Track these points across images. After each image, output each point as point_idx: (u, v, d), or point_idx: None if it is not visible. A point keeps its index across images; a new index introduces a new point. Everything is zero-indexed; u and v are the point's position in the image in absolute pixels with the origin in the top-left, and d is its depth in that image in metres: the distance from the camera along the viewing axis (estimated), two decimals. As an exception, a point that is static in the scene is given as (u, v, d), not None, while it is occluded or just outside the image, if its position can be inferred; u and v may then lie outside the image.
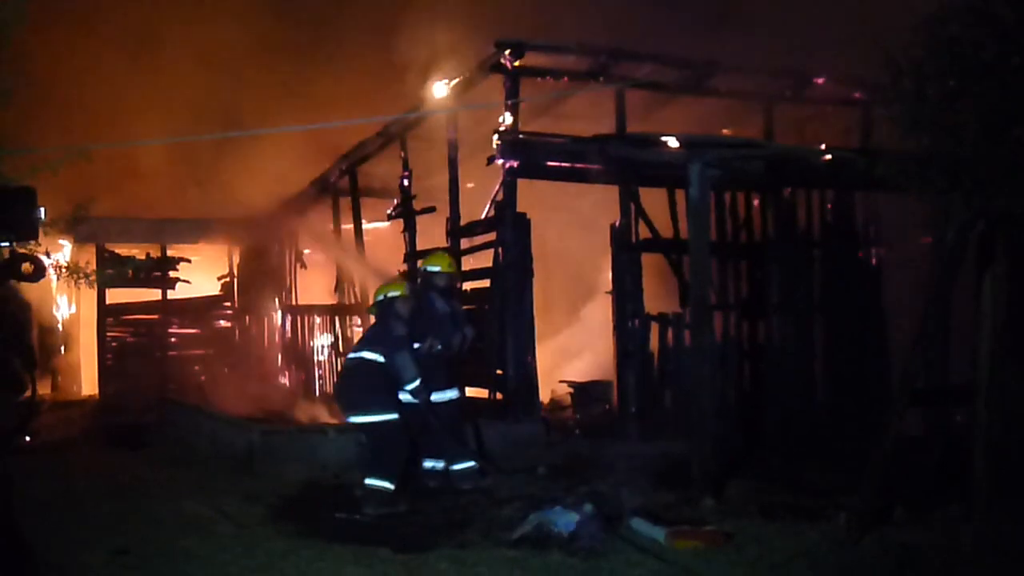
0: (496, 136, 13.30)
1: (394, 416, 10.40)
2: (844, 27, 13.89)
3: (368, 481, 10.16)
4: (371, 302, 11.30)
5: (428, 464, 11.09)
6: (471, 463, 11.04)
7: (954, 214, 9.20)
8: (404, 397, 10.70)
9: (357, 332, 18.48)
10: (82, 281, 11.99)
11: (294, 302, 21.37)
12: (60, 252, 19.99)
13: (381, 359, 10.53)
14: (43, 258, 11.04)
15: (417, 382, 10.52)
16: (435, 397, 10.94)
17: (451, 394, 11.17)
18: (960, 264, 9.15)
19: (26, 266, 9.81)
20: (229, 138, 19.34)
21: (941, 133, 8.79)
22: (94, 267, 17.12)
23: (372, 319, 11.48)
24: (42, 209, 8.37)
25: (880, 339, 14.01)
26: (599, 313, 15.27)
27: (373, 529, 9.32)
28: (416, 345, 10.92)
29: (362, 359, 10.67)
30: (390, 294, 10.92)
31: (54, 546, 8.56)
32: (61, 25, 19.76)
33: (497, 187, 13.78)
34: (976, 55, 8.47)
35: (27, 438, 14.58)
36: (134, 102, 20.47)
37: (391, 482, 10.14)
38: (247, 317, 22.81)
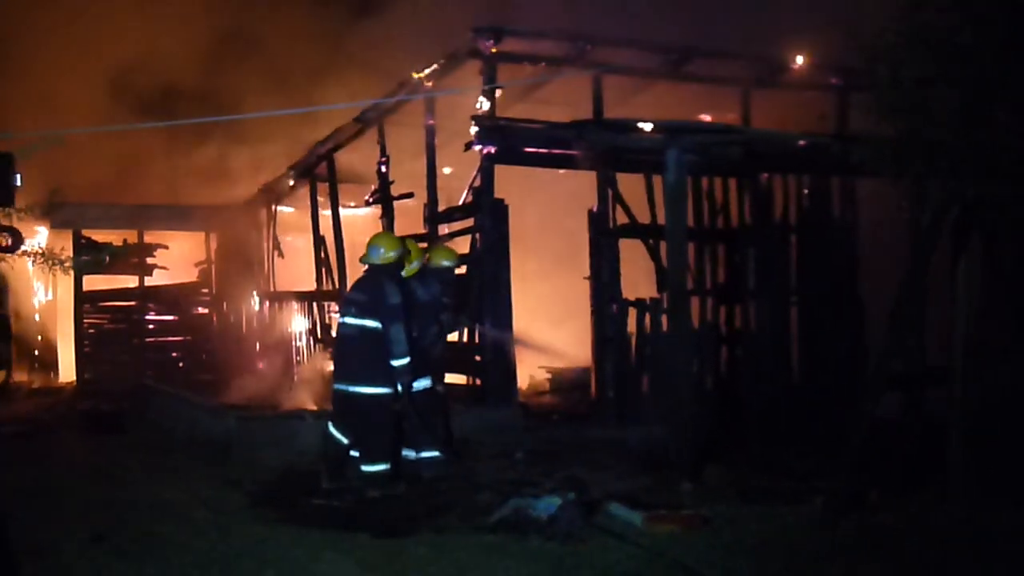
0: (474, 122, 13.28)
1: (388, 391, 10.35)
2: (820, 12, 13.91)
3: (365, 468, 10.18)
4: (367, 254, 10.74)
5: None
6: (436, 452, 10.95)
7: (930, 199, 9.25)
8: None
9: (335, 319, 18.44)
10: (57, 268, 11.91)
11: (272, 288, 21.33)
12: (36, 238, 19.89)
13: (380, 327, 10.36)
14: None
15: (407, 360, 10.30)
16: (416, 385, 10.86)
17: (426, 382, 11.05)
18: (934, 248, 9.20)
19: (2, 238, 9.74)
20: (208, 124, 19.32)
21: (917, 118, 8.83)
22: (70, 253, 17.06)
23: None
24: (18, 175, 8.28)
25: (857, 324, 14.06)
26: (577, 298, 15.26)
27: (351, 515, 9.31)
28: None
29: (363, 327, 10.48)
30: (395, 253, 10.63)
31: (30, 531, 8.55)
32: (35, 7, 19.64)
33: (475, 173, 13.77)
34: (952, 40, 8.50)
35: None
36: (109, 87, 20.38)
37: (386, 463, 10.19)
38: (225, 303, 22.77)
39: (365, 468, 10.23)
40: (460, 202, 14.50)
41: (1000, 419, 9.56)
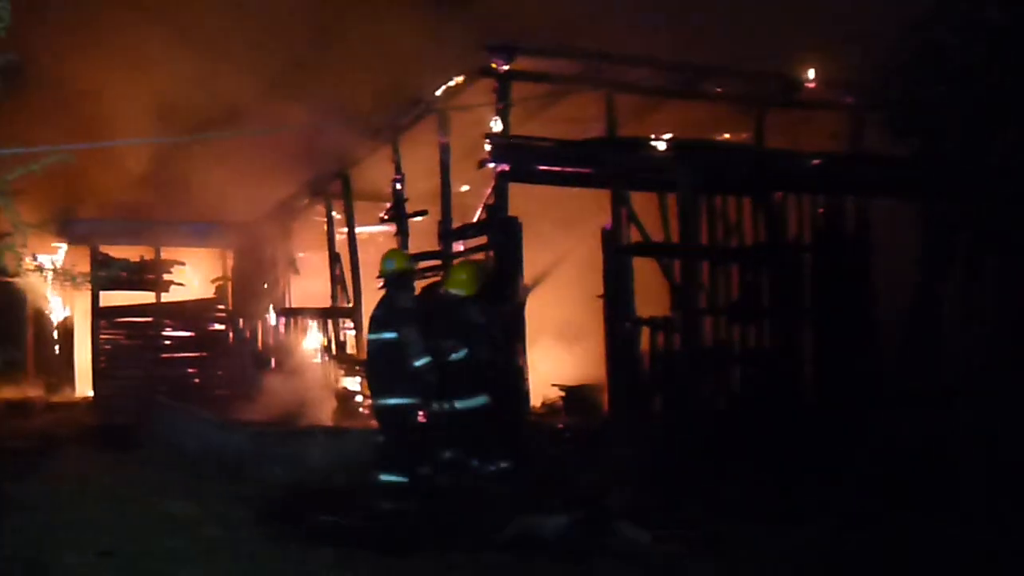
0: (487, 140, 13.30)
1: (407, 401, 10.39)
2: (835, 31, 13.91)
3: (382, 477, 10.22)
4: (381, 269, 11.01)
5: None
6: (507, 464, 10.88)
7: (942, 217, 9.26)
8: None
9: (350, 336, 18.48)
10: (69, 283, 11.95)
11: (287, 305, 21.38)
12: (55, 254, 20.01)
13: (395, 336, 10.44)
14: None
15: (426, 360, 10.35)
16: (461, 405, 10.79)
17: (479, 400, 10.94)
18: (947, 268, 9.20)
19: None
20: (226, 142, 19.39)
21: (930, 138, 8.84)
22: (87, 269, 17.14)
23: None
24: None
25: (871, 343, 13.96)
26: (591, 316, 15.24)
27: (359, 532, 9.31)
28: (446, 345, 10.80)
29: (380, 340, 10.57)
30: (401, 266, 10.87)
31: (40, 546, 8.58)
32: (51, 24, 19.71)
33: (489, 191, 13.78)
34: (963, 59, 8.53)
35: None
36: (125, 103, 20.45)
37: (403, 475, 10.20)
38: (241, 320, 22.80)
39: (382, 477, 10.26)
40: (474, 219, 14.51)
41: (1013, 439, 9.53)
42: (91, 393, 21.64)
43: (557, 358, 17.00)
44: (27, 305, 22.76)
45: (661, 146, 11.76)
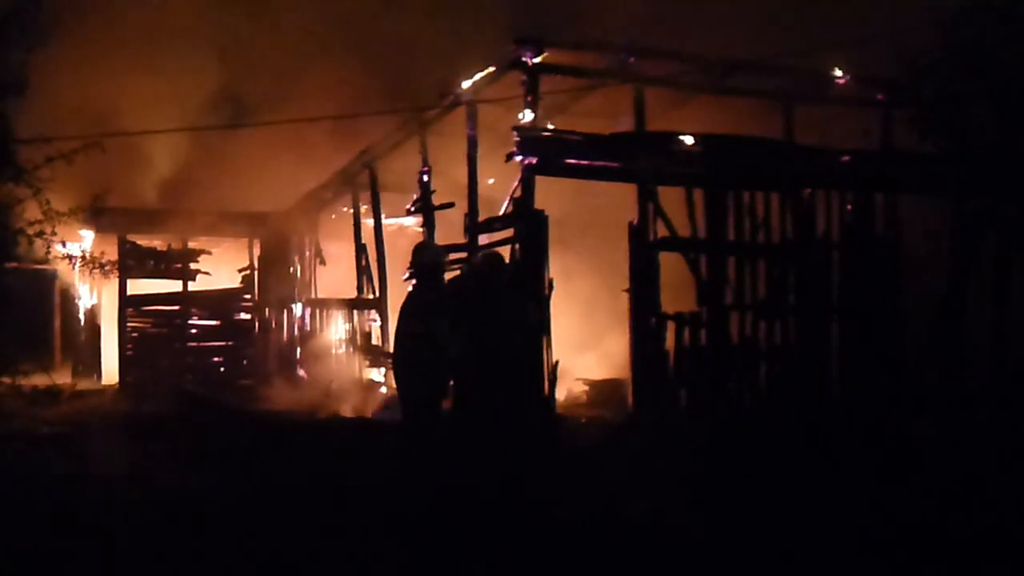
0: (515, 133, 13.30)
1: (439, 393, 10.37)
2: (866, 27, 13.82)
3: (408, 469, 10.21)
4: (411, 261, 10.85)
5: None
6: (532, 457, 10.88)
7: (971, 216, 9.21)
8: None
9: (375, 327, 18.54)
10: (98, 271, 12.05)
11: (313, 295, 21.47)
12: (82, 242, 20.14)
13: (423, 329, 10.40)
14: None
15: (453, 353, 10.29)
16: (488, 398, 10.80)
17: (505, 393, 10.93)
18: (974, 267, 9.15)
19: None
20: (252, 132, 19.49)
21: (960, 135, 8.80)
22: (115, 258, 17.26)
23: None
24: None
25: (897, 341, 13.90)
26: (617, 310, 15.23)
27: (382, 525, 9.33)
28: None
29: (410, 332, 10.53)
30: (431, 258, 10.81)
31: (63, 537, 8.64)
32: (80, 14, 19.82)
33: (516, 184, 13.78)
34: (995, 57, 8.49)
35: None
36: (153, 95, 20.55)
37: (429, 468, 10.19)
38: (267, 309, 22.92)
39: (408, 470, 10.24)
40: (501, 212, 14.51)
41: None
42: (118, 380, 21.81)
43: (582, 352, 17.00)
44: (55, 292, 22.98)
45: (689, 141, 11.70)
